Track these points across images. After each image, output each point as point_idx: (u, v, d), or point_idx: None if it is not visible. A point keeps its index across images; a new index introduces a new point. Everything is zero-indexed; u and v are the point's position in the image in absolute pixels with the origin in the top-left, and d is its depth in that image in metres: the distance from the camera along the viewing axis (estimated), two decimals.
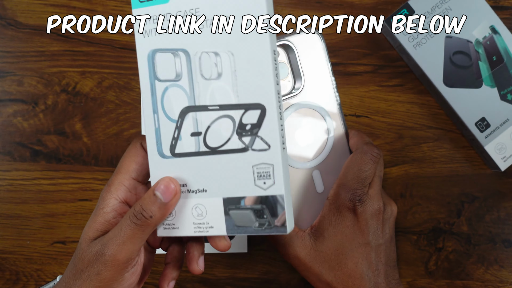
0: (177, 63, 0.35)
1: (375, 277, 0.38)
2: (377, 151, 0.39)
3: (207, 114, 0.34)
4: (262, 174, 0.34)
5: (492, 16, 0.48)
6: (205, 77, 0.34)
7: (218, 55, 0.34)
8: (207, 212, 0.36)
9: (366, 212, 0.38)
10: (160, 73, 0.35)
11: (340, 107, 0.40)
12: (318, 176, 0.40)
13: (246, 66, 0.33)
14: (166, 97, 0.35)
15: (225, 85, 0.34)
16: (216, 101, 0.34)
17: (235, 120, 0.34)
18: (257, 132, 0.33)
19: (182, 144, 0.35)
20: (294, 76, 0.39)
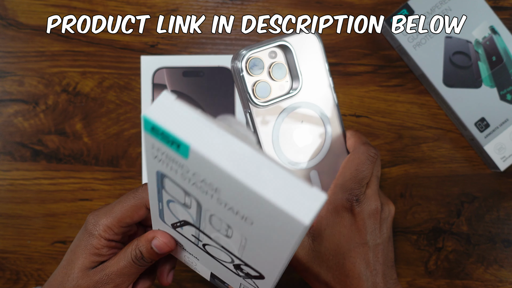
0: (187, 200, 0.29)
1: (373, 277, 0.38)
2: (375, 151, 0.39)
3: (209, 239, 0.32)
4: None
5: (492, 17, 0.48)
6: (214, 227, 0.30)
7: (231, 229, 0.28)
8: (197, 264, 0.38)
9: (364, 212, 0.38)
10: (168, 189, 0.30)
11: (337, 107, 0.40)
12: (316, 177, 0.40)
13: (257, 253, 0.29)
14: (172, 204, 0.31)
15: (232, 245, 0.30)
16: (220, 242, 0.31)
17: (234, 261, 0.32)
18: (252, 279, 0.33)
19: (183, 230, 0.34)
20: (291, 76, 0.39)
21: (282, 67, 0.39)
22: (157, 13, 0.51)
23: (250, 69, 0.38)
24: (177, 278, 0.50)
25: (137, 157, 0.50)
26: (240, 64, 0.37)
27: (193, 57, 0.49)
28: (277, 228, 0.24)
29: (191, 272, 0.50)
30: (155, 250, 0.37)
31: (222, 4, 0.51)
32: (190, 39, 0.51)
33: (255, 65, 0.38)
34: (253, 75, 0.38)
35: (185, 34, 0.51)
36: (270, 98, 0.38)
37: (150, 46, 0.51)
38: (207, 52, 0.50)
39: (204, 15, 0.51)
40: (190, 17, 0.51)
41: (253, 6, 0.51)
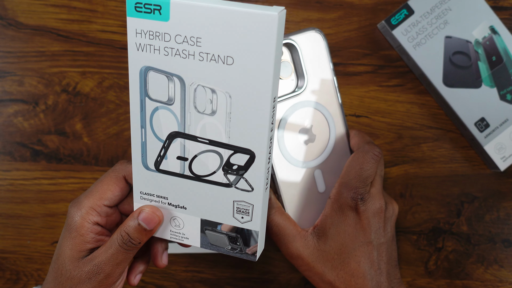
0: (171, 87, 0.32)
1: (377, 276, 0.38)
2: (379, 150, 0.39)
3: (196, 144, 0.34)
4: (241, 210, 0.35)
5: (492, 17, 0.48)
6: (198, 110, 0.33)
7: (215, 93, 0.32)
8: (184, 225, 0.37)
9: (368, 211, 0.38)
10: (151, 92, 0.33)
11: (341, 107, 0.40)
12: (320, 176, 0.40)
13: (242, 111, 0.32)
14: (156, 116, 0.34)
15: (218, 124, 0.33)
16: (207, 135, 0.33)
17: (223, 157, 0.33)
18: (243, 174, 0.34)
19: (167, 163, 0.35)
20: (297, 75, 0.39)
21: (288, 65, 0.39)
22: None
23: None
24: (177, 278, 0.50)
25: None
26: None
27: None
28: (253, 38, 0.30)
29: (191, 272, 0.50)
30: (143, 226, 0.36)
31: None
32: None
33: None
34: None
35: None
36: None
37: None
38: None
39: None
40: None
41: None
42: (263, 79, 0.31)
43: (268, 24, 0.29)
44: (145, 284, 0.50)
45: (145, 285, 0.50)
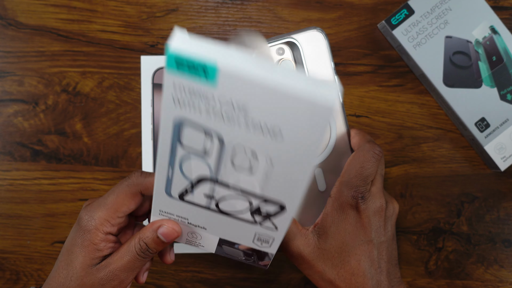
0: (207, 143, 0.30)
1: (377, 275, 0.38)
2: (379, 149, 0.39)
3: (227, 189, 0.32)
4: (262, 239, 0.35)
5: (492, 16, 0.48)
6: (235, 166, 0.31)
7: (257, 158, 0.30)
8: (202, 238, 0.38)
9: (369, 210, 0.38)
10: (185, 140, 0.30)
11: (342, 105, 0.40)
12: (321, 175, 0.41)
13: (281, 175, 0.30)
14: (187, 161, 0.31)
15: (255, 181, 0.31)
16: (239, 185, 0.32)
17: (253, 204, 0.33)
18: (270, 218, 0.33)
19: (193, 196, 0.34)
20: None
21: (289, 64, 0.39)
22: (157, 13, 0.51)
23: None
24: (177, 278, 0.50)
25: (137, 157, 0.50)
26: None
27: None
28: (305, 121, 0.27)
29: (191, 272, 0.50)
30: (161, 239, 0.36)
31: (222, 4, 0.51)
32: None
33: None
34: None
35: None
36: None
37: (150, 46, 0.51)
38: None
39: (204, 15, 0.51)
40: (190, 17, 0.51)
41: (253, 6, 0.51)
42: (310, 155, 0.29)
43: (322, 114, 0.27)
44: (145, 284, 0.50)
45: (145, 285, 0.50)
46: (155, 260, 0.50)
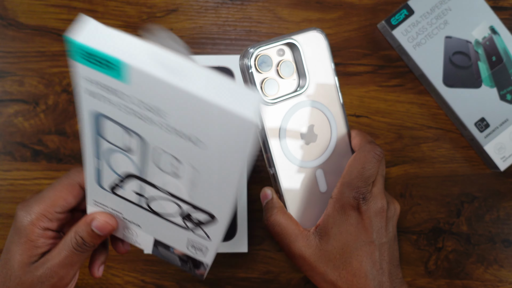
0: (129, 140, 0.28)
1: (379, 276, 0.38)
2: (380, 150, 0.39)
3: (155, 189, 0.31)
4: (195, 247, 0.35)
5: (492, 17, 0.48)
6: (160, 168, 0.29)
7: (180, 163, 0.28)
8: (138, 236, 0.37)
9: (370, 210, 0.38)
10: (107, 135, 0.28)
11: (342, 106, 0.40)
12: (322, 176, 0.40)
13: (208, 184, 0.29)
14: (112, 155, 0.30)
15: (181, 186, 0.29)
16: (167, 188, 0.30)
17: (183, 210, 0.32)
18: (202, 226, 0.32)
19: (124, 191, 0.32)
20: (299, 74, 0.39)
21: (290, 65, 0.39)
22: (157, 13, 0.51)
23: (259, 66, 0.38)
24: (177, 277, 0.50)
25: None
26: (249, 61, 0.38)
27: (193, 57, 0.49)
28: (227, 136, 0.25)
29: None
30: (96, 233, 0.35)
31: (222, 4, 0.51)
32: (190, 39, 0.51)
33: (264, 62, 0.38)
34: (262, 72, 0.38)
35: (185, 34, 0.51)
36: (278, 95, 0.39)
37: None
38: (207, 52, 0.50)
39: (204, 15, 0.51)
40: (190, 17, 0.51)
41: (253, 6, 0.51)
42: (235, 167, 0.27)
43: (244, 127, 0.24)
44: (145, 284, 0.50)
45: (145, 285, 0.50)
46: (155, 260, 0.50)
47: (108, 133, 0.28)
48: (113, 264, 0.50)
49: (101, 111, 0.26)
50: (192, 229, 0.33)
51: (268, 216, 0.39)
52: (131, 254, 0.50)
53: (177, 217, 0.32)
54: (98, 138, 0.29)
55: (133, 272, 0.50)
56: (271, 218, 0.39)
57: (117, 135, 0.28)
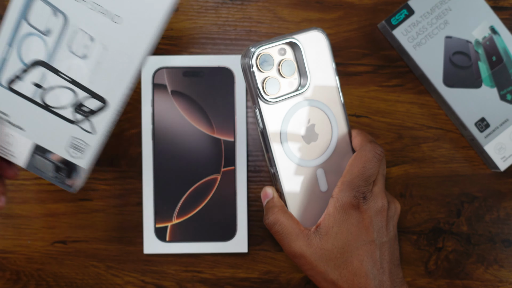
0: (52, 21, 0.35)
1: (380, 275, 0.38)
2: (381, 150, 0.39)
3: (57, 77, 0.36)
4: (76, 146, 0.38)
5: (492, 17, 0.48)
6: (71, 50, 0.36)
7: (93, 41, 0.35)
8: (15, 145, 0.39)
9: (371, 210, 0.38)
10: (31, 18, 0.35)
11: (343, 106, 0.41)
12: (322, 175, 0.41)
13: (111, 65, 0.36)
14: (27, 40, 0.36)
15: (85, 68, 0.36)
16: (70, 74, 0.36)
17: (78, 97, 0.37)
18: (91, 117, 0.37)
19: (21, 85, 0.37)
20: (300, 74, 0.39)
21: (291, 64, 0.39)
22: None
23: (260, 65, 0.38)
24: (177, 278, 0.50)
25: (137, 157, 0.50)
26: (251, 60, 0.38)
27: (193, 57, 0.49)
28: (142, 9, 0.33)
29: (191, 272, 0.50)
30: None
31: (222, 4, 0.51)
32: (190, 39, 0.51)
33: (265, 61, 0.38)
34: (263, 71, 0.38)
35: (185, 34, 0.51)
36: (279, 94, 0.39)
37: None
38: (207, 52, 0.50)
39: (204, 15, 0.51)
40: (190, 17, 0.51)
41: (253, 6, 0.51)
42: (141, 46, 0.35)
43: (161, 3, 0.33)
44: (145, 284, 0.50)
45: (145, 285, 0.50)
46: (155, 260, 0.50)
47: (34, 15, 0.35)
48: (113, 264, 0.50)
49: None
50: (79, 123, 0.38)
51: (269, 215, 0.40)
52: (131, 254, 0.50)
53: (68, 108, 0.37)
54: (20, 22, 0.35)
55: (133, 272, 0.50)
56: (272, 217, 0.39)
57: (43, 16, 0.35)
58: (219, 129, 0.49)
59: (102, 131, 0.38)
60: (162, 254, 0.50)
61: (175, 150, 0.49)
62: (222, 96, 0.49)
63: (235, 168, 0.49)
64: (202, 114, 0.49)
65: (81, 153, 0.38)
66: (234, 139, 0.49)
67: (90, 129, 0.37)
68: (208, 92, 0.49)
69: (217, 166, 0.49)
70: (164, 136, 0.49)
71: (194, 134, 0.49)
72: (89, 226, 0.50)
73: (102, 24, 0.35)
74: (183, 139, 0.49)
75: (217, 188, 0.49)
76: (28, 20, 0.35)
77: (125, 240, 0.50)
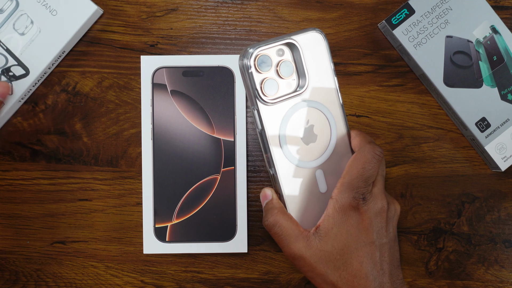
0: (7, 4, 0.47)
1: (380, 276, 0.38)
2: (380, 150, 0.39)
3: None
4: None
5: (493, 16, 0.48)
6: (14, 27, 0.47)
7: (32, 24, 0.47)
8: None
9: (370, 211, 0.38)
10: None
11: (342, 106, 0.40)
12: (321, 176, 0.40)
13: (40, 44, 0.47)
14: None
15: (21, 43, 0.47)
16: (8, 45, 0.47)
17: (7, 64, 0.47)
18: (13, 80, 0.48)
19: None
20: (298, 74, 0.39)
21: (289, 65, 0.39)
22: (157, 12, 0.51)
23: (258, 66, 0.38)
24: (177, 278, 0.50)
25: (137, 157, 0.50)
26: (249, 61, 0.37)
27: (193, 57, 0.49)
28: (74, 5, 0.48)
29: (191, 272, 0.50)
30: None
31: (222, 3, 0.51)
32: (190, 38, 0.50)
33: (264, 62, 0.38)
34: (261, 72, 0.38)
35: (185, 34, 0.50)
36: (277, 95, 0.38)
37: (150, 46, 0.50)
38: (207, 52, 0.50)
39: (204, 15, 0.50)
40: (190, 17, 0.51)
41: (253, 5, 0.50)
42: (65, 36, 0.48)
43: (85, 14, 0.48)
44: (144, 285, 0.50)
45: (145, 285, 0.50)
46: (155, 261, 0.50)
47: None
48: (112, 264, 0.50)
49: None
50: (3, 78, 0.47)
51: (268, 217, 0.39)
52: (130, 255, 0.50)
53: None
54: None
55: (132, 272, 0.50)
56: (271, 218, 0.39)
57: (2, 0, 0.47)
58: (218, 129, 0.49)
59: (18, 94, 0.48)
60: (161, 254, 0.50)
61: (174, 150, 0.49)
62: (222, 95, 0.49)
63: (235, 168, 0.49)
64: (201, 114, 0.49)
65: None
66: (234, 139, 0.49)
67: (10, 91, 0.48)
68: (208, 91, 0.49)
69: (216, 166, 0.49)
70: (164, 136, 0.49)
71: (194, 134, 0.49)
72: (89, 226, 0.50)
73: (42, 14, 0.47)
74: (182, 139, 0.49)
75: (216, 188, 0.49)
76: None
77: (125, 240, 0.50)
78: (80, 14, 0.48)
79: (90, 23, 0.50)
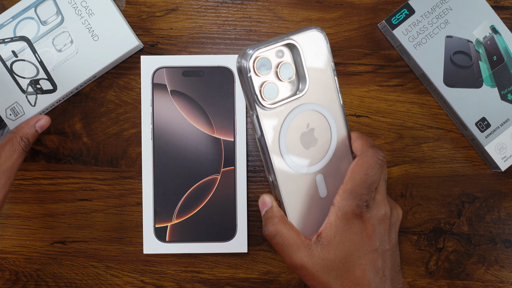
0: (53, 17, 0.47)
1: (382, 283, 0.37)
2: (383, 155, 0.38)
3: (31, 55, 0.47)
4: (14, 110, 0.47)
5: (493, 16, 0.48)
6: (53, 42, 0.47)
7: (72, 44, 0.47)
8: None
9: (374, 218, 0.37)
10: (39, 8, 0.47)
11: (342, 109, 0.39)
12: (322, 181, 0.39)
13: (74, 64, 0.47)
14: (26, 21, 0.47)
15: (56, 58, 0.47)
16: (43, 57, 0.47)
17: (38, 76, 0.47)
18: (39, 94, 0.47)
19: (2, 47, 0.47)
20: (298, 77, 0.38)
21: (289, 67, 0.37)
22: (157, 12, 0.51)
23: (257, 69, 0.36)
24: (177, 278, 0.50)
25: (137, 157, 0.50)
26: (248, 64, 0.35)
27: (193, 57, 0.49)
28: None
29: (191, 272, 0.50)
30: (38, 132, 0.46)
31: (222, 3, 0.51)
32: (190, 38, 0.50)
33: (263, 65, 0.36)
34: (261, 75, 0.36)
35: (185, 34, 0.50)
36: (277, 99, 0.37)
37: (150, 46, 0.50)
38: (207, 52, 0.50)
39: (204, 15, 0.50)
40: (190, 17, 0.51)
41: (253, 5, 0.50)
42: (100, 64, 0.48)
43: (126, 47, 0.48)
44: (144, 285, 0.50)
45: (145, 285, 0.50)
46: (155, 261, 0.50)
47: (42, 7, 0.47)
48: (113, 264, 0.50)
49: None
50: (27, 94, 0.47)
51: (269, 226, 0.38)
52: (130, 255, 0.50)
53: (27, 80, 0.47)
54: (29, 8, 0.46)
55: (132, 272, 0.50)
56: (272, 228, 0.38)
57: (48, 11, 0.47)
58: (218, 129, 0.49)
59: (40, 108, 0.48)
60: (161, 254, 0.50)
61: (174, 150, 0.49)
62: (222, 95, 0.49)
63: (235, 168, 0.49)
64: (201, 114, 0.49)
65: (15, 118, 0.47)
66: (234, 139, 0.49)
67: (33, 103, 0.47)
68: (208, 91, 0.49)
69: (217, 166, 0.49)
70: (164, 136, 0.49)
71: (194, 134, 0.49)
72: (89, 226, 0.50)
73: (84, 36, 0.47)
74: (182, 139, 0.49)
75: (216, 188, 0.49)
76: (36, 9, 0.47)
77: (125, 240, 0.50)
78: (121, 45, 0.48)
79: (128, 55, 0.49)
